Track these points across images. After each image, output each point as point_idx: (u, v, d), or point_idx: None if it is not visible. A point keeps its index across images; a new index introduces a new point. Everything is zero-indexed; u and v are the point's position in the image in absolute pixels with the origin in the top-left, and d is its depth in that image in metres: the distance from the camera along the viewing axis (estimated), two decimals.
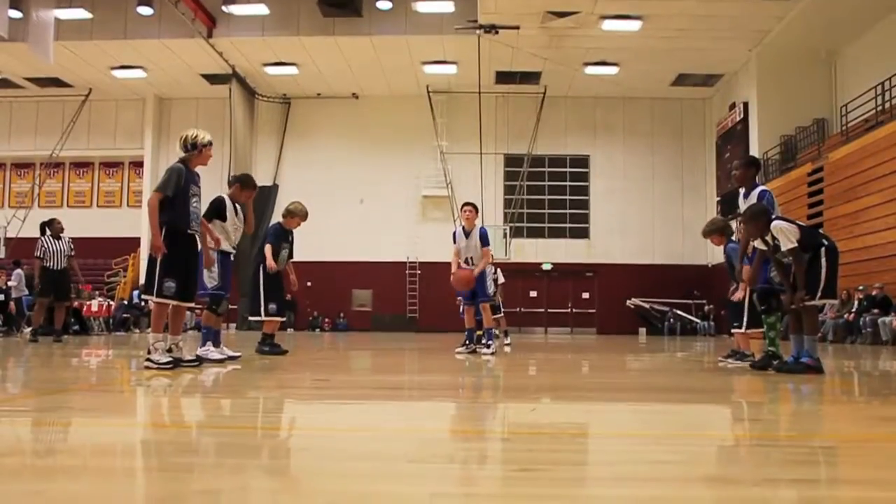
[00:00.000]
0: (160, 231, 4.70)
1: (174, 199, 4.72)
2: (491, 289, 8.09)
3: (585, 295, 21.23)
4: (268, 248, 6.63)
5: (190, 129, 5.04)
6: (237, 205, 5.96)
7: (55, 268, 9.24)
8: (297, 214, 6.82)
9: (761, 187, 5.28)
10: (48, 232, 9.42)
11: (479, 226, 7.53)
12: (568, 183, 21.40)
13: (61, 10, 16.98)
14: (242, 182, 6.12)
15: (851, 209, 13.83)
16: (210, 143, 4.97)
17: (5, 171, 22.93)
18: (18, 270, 12.71)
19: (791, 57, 16.77)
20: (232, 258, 5.95)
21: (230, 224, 5.84)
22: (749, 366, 5.42)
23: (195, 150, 4.90)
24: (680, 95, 20.78)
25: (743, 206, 5.25)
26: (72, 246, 9.53)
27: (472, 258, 7.37)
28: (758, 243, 5.06)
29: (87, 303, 14.63)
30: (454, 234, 7.56)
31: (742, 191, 5.39)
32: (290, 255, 6.86)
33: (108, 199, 22.82)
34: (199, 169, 5.04)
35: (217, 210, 5.81)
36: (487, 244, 7.40)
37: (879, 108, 13.82)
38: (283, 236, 6.78)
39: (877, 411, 3.09)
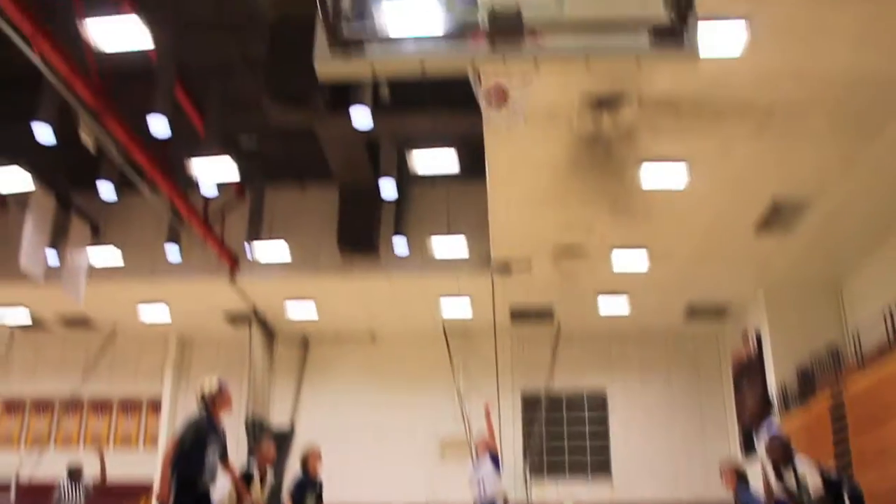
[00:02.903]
0: (171, 480, 4.73)
1: (190, 450, 4.78)
2: None
3: None
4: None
5: (202, 381, 5.16)
6: (265, 472, 5.99)
7: None
8: (315, 453, 6.76)
9: (773, 431, 5.33)
10: (68, 476, 9.35)
11: (491, 454, 7.56)
12: (587, 420, 21.12)
13: (93, 251, 17.77)
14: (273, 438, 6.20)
15: (878, 442, 13.41)
16: (220, 389, 5.07)
17: (24, 410, 22.93)
18: None
19: (798, 287, 17.05)
20: None
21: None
22: None
23: (212, 404, 5.01)
24: (692, 328, 20.93)
25: (759, 444, 5.25)
26: (89, 492, 9.41)
27: (484, 487, 7.34)
28: (772, 479, 5.01)
29: None
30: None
31: (756, 431, 5.42)
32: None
33: (124, 440, 22.61)
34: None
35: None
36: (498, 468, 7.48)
37: (892, 334, 13.81)
38: (309, 487, 6.64)
39: None
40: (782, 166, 12.23)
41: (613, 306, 19.32)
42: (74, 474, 9.18)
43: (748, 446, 17.07)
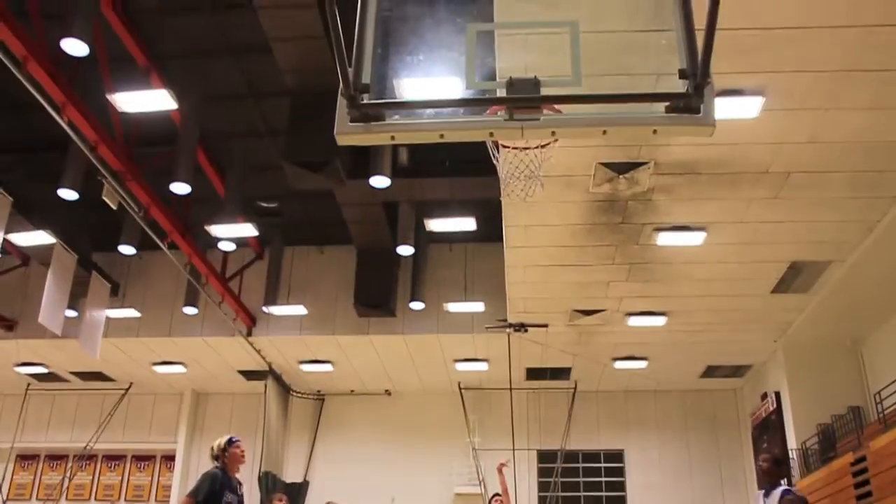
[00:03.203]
0: None
1: (205, 502, 4.79)
2: None
3: None
4: None
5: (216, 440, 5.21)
6: None
7: None
8: None
9: (784, 487, 5.27)
10: None
11: None
12: (603, 478, 20.88)
13: (112, 310, 17.91)
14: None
15: None
16: (231, 442, 5.10)
17: (38, 463, 22.88)
18: None
19: (817, 346, 16.91)
20: None
21: None
22: None
23: (224, 458, 5.03)
24: (710, 387, 20.79)
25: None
26: None
27: None
28: None
29: None
30: None
31: (763, 491, 5.36)
32: None
33: (136, 494, 22.50)
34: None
35: None
36: None
37: None
38: None
39: None
40: (800, 229, 12.24)
41: (630, 365, 19.23)
42: None
43: None
